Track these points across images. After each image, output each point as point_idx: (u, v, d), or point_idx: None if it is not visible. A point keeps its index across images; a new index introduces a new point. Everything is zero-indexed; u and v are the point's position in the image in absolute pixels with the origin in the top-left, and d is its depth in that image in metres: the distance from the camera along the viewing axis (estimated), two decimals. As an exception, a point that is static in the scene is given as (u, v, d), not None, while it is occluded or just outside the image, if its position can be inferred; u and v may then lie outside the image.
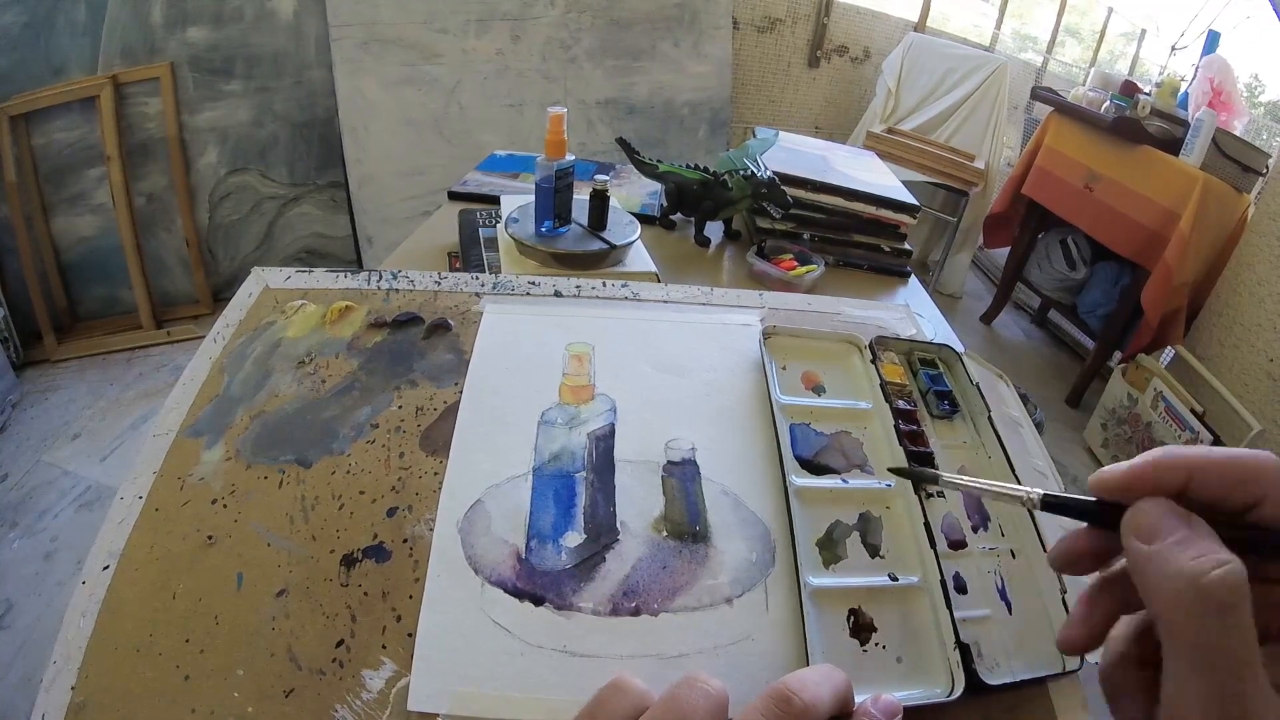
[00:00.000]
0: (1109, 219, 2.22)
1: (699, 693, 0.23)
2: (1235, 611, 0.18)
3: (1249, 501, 0.20)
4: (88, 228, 2.16)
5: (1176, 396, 1.91)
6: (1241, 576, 0.18)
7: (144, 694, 0.29)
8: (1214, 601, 0.18)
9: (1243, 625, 0.18)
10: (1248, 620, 0.18)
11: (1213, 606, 0.18)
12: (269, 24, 2.18)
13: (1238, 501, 0.20)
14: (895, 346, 0.49)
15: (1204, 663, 0.18)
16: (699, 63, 2.55)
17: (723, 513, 0.36)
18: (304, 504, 0.36)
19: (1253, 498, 0.20)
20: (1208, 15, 2.52)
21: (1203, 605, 0.18)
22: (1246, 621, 0.18)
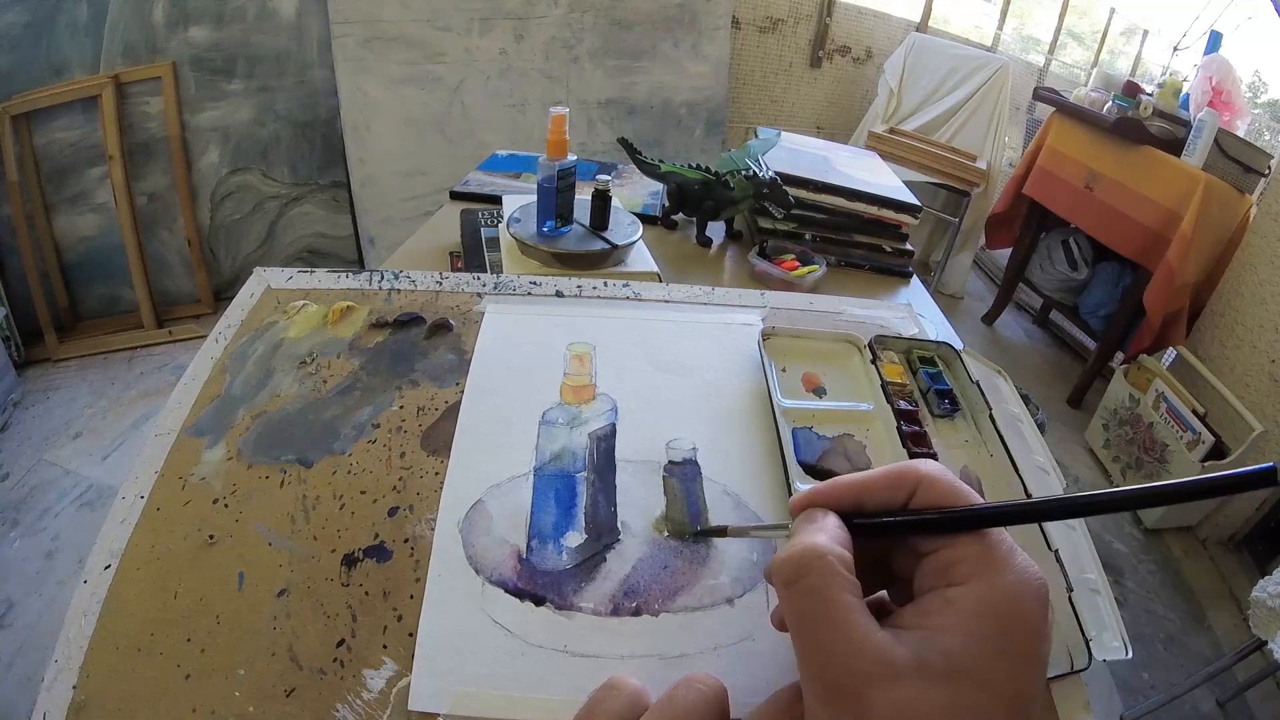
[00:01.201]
0: (1110, 219, 2.22)
1: (698, 693, 0.23)
2: (799, 582, 0.22)
3: (906, 499, 0.25)
4: (89, 227, 2.16)
5: (1178, 397, 1.91)
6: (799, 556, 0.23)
7: (145, 693, 0.29)
8: (780, 579, 0.23)
9: (808, 590, 0.22)
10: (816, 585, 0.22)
11: (780, 583, 0.23)
12: (271, 23, 2.18)
13: (899, 502, 0.25)
14: (894, 345, 0.49)
15: (790, 619, 0.23)
16: (698, 63, 2.55)
17: (724, 513, 0.36)
18: (305, 504, 0.36)
19: (908, 494, 0.25)
20: (1209, 16, 2.52)
21: (777, 584, 0.23)
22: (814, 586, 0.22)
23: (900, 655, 0.21)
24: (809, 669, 0.22)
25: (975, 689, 0.20)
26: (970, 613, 0.21)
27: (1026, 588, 0.22)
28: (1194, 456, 1.82)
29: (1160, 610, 1.74)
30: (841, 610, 0.22)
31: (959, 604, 0.22)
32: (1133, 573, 1.84)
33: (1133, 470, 2.05)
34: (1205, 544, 1.97)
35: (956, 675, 0.20)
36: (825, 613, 0.22)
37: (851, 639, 0.21)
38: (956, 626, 0.21)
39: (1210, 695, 1.51)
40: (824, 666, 0.21)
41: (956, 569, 0.22)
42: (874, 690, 0.20)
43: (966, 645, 0.21)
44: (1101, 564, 0.38)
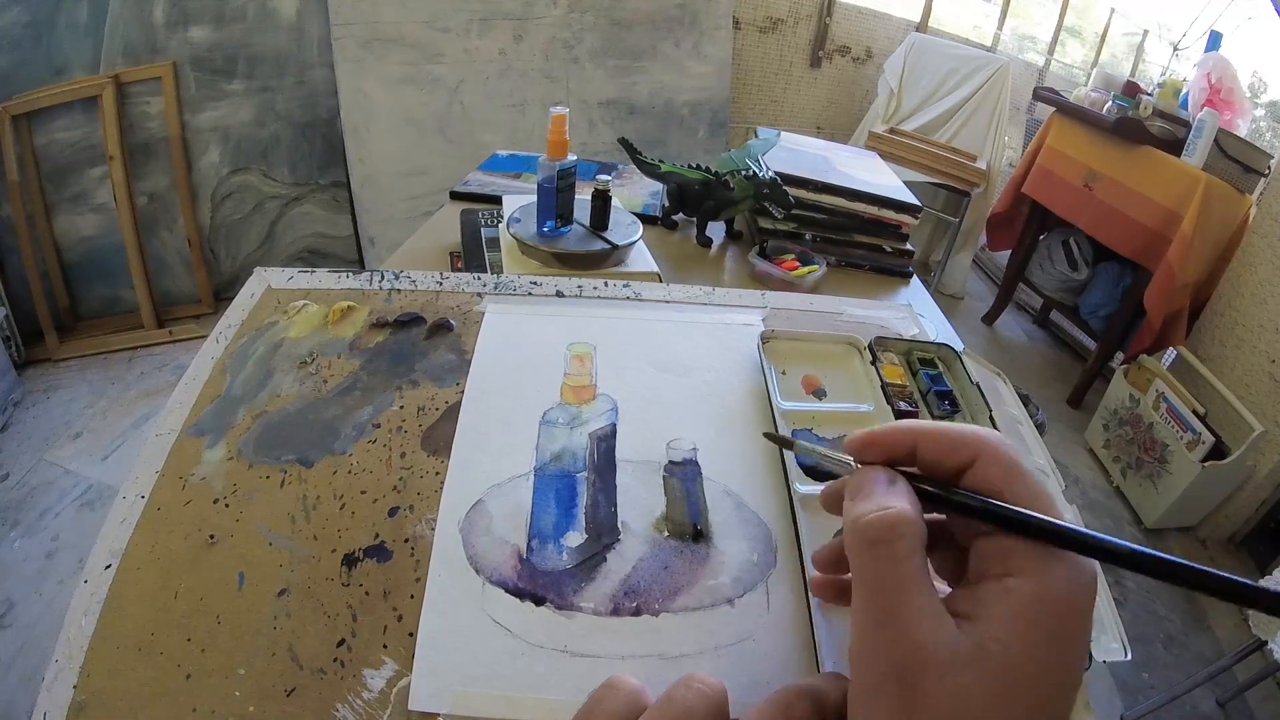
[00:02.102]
0: (1109, 218, 2.22)
1: (697, 693, 0.23)
2: (884, 546, 0.22)
3: (962, 464, 0.24)
4: (89, 227, 2.16)
5: (1178, 397, 1.91)
6: (893, 520, 0.22)
7: (145, 693, 0.29)
8: (866, 538, 0.23)
9: (892, 557, 0.22)
10: (901, 553, 0.22)
11: (865, 541, 0.23)
12: (271, 23, 2.18)
13: (952, 464, 0.24)
14: (894, 346, 0.49)
15: (863, 585, 0.22)
16: (699, 63, 2.55)
17: (724, 513, 0.36)
18: (305, 504, 0.36)
19: (966, 460, 0.24)
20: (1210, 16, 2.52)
21: (858, 541, 0.23)
22: (899, 554, 0.22)
23: (965, 647, 0.21)
24: (874, 641, 0.22)
25: (1031, 682, 0.20)
26: (1028, 605, 0.21)
27: (1081, 583, 0.22)
28: (1194, 457, 1.82)
29: (1160, 610, 1.74)
30: (921, 585, 0.22)
31: (1017, 595, 0.22)
32: (1133, 573, 1.84)
33: (1133, 470, 2.05)
34: (1205, 544, 1.97)
35: (1012, 667, 0.20)
36: (906, 583, 0.22)
37: (928, 619, 0.21)
38: (1012, 616, 0.21)
39: (1210, 695, 1.51)
40: (895, 642, 0.21)
41: (1014, 559, 0.22)
42: (931, 675, 0.20)
43: (1024, 639, 0.21)
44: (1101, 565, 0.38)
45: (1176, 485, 1.88)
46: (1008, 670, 0.20)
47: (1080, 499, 2.05)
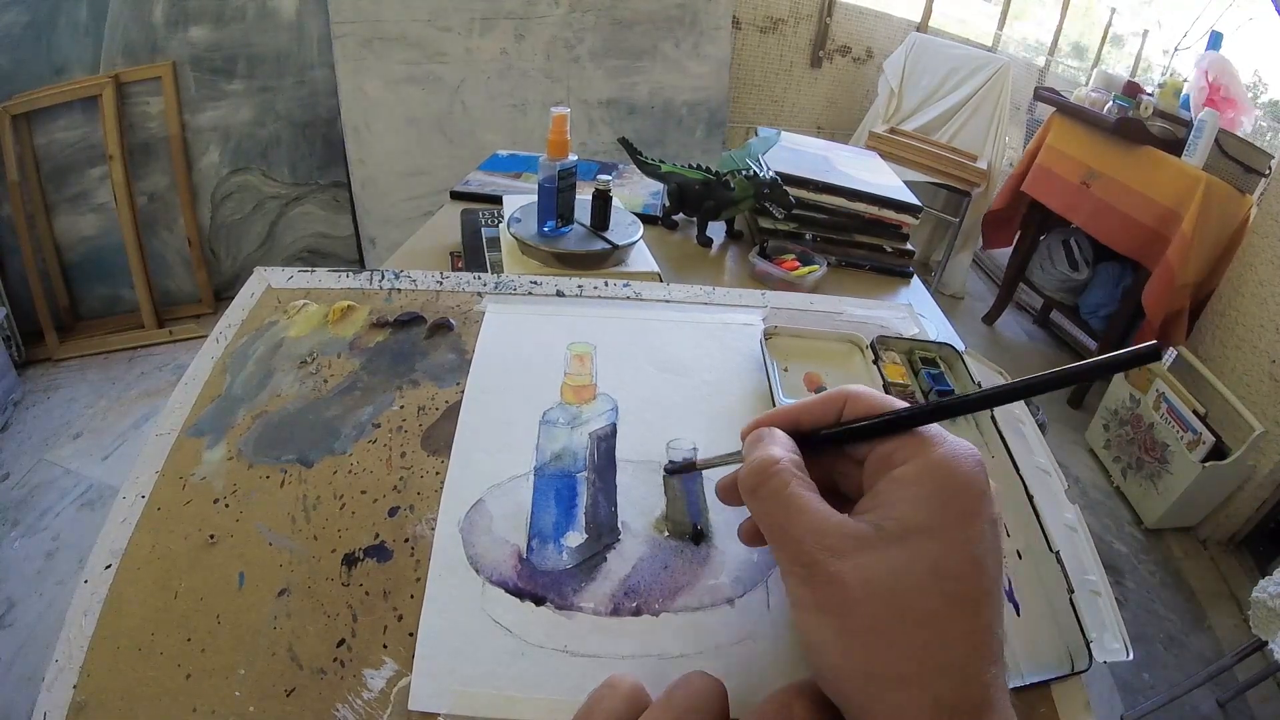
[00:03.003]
0: (1107, 216, 2.22)
1: (697, 692, 0.23)
2: (762, 487, 0.25)
3: (838, 413, 0.28)
4: (90, 227, 2.16)
5: (1178, 397, 1.91)
6: (761, 463, 0.26)
7: (145, 693, 0.29)
8: (747, 487, 0.26)
9: (771, 493, 0.25)
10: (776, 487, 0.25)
11: (748, 491, 0.26)
12: (271, 23, 2.18)
13: (831, 418, 0.28)
14: (896, 346, 0.49)
15: (762, 525, 0.26)
16: (698, 63, 2.55)
17: (724, 513, 0.36)
18: (306, 503, 0.36)
19: (838, 409, 0.28)
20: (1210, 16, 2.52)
21: (744, 493, 0.26)
22: (775, 489, 0.25)
23: (860, 528, 0.23)
24: (786, 557, 0.24)
25: (928, 540, 0.22)
26: (912, 481, 0.24)
27: (959, 454, 0.24)
28: (1194, 457, 1.82)
29: (1160, 610, 1.74)
30: (803, 500, 0.24)
31: (901, 479, 0.24)
32: (1133, 573, 1.84)
33: (1133, 470, 2.05)
34: (1205, 544, 1.97)
35: (909, 534, 0.23)
36: (789, 505, 0.24)
37: (816, 522, 0.24)
38: (903, 496, 0.24)
39: (1210, 695, 1.51)
40: (797, 551, 0.24)
41: (895, 455, 0.25)
42: (844, 561, 0.22)
43: (914, 507, 0.23)
44: (1102, 565, 0.38)
45: (1177, 485, 1.88)
46: (905, 537, 0.22)
47: (1081, 499, 2.05)
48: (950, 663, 0.21)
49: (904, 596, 0.22)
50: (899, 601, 0.22)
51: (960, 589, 0.22)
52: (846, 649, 0.22)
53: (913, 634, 0.21)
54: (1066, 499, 0.41)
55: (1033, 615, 0.36)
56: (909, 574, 0.22)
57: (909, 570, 0.22)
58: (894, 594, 0.22)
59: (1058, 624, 0.35)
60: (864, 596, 0.22)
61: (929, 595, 0.22)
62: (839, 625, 0.22)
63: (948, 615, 0.22)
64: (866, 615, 0.22)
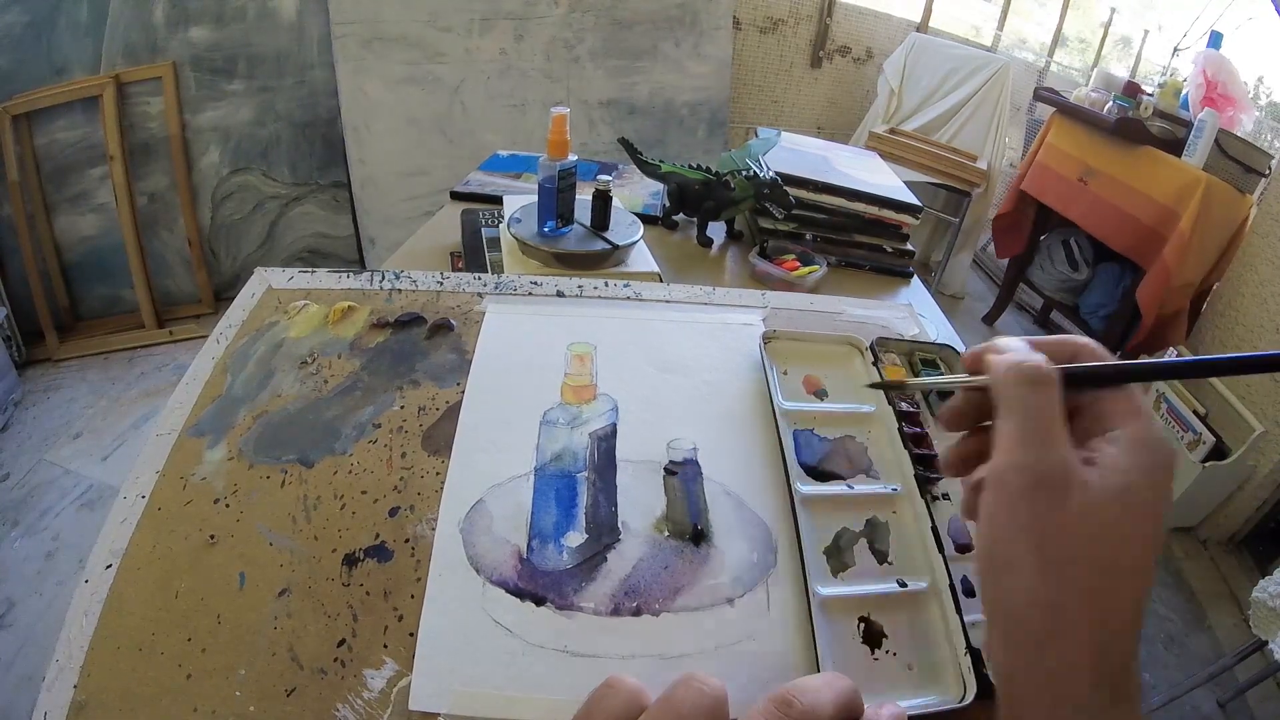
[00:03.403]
0: (1104, 213, 2.22)
1: (697, 692, 0.23)
2: (1043, 384, 0.26)
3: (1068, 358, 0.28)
4: (90, 227, 2.16)
5: (1178, 397, 1.91)
6: (1052, 369, 0.27)
7: (146, 693, 0.29)
8: (1029, 376, 0.27)
9: (1049, 392, 0.26)
10: (1055, 392, 0.26)
11: (1028, 379, 0.27)
12: (271, 23, 2.18)
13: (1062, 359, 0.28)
14: (896, 348, 0.49)
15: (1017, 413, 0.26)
16: (699, 63, 2.55)
17: (724, 513, 0.36)
18: (306, 504, 0.36)
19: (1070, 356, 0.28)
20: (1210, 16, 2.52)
21: (1020, 377, 0.27)
22: (1053, 392, 0.26)
23: (1091, 471, 0.25)
24: (1024, 456, 0.25)
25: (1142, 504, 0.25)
26: (1132, 448, 0.26)
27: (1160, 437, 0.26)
28: (1195, 457, 1.82)
29: (1161, 610, 1.74)
30: (1061, 421, 0.26)
31: (1123, 441, 0.26)
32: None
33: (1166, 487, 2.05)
34: (1205, 544, 1.97)
35: (1128, 492, 0.25)
36: (1056, 415, 0.26)
37: (1066, 446, 0.25)
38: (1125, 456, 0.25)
39: (1210, 695, 1.50)
40: (1041, 457, 0.25)
41: (1112, 417, 0.27)
42: (1075, 488, 0.24)
43: (1135, 470, 0.25)
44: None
45: (1177, 485, 1.88)
46: (1126, 494, 0.25)
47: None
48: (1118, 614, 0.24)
49: (1114, 544, 0.24)
50: (1109, 546, 0.24)
51: (1148, 559, 0.24)
52: (1041, 574, 0.24)
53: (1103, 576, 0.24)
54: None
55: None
56: (1124, 525, 0.24)
57: (1124, 521, 0.24)
58: (1108, 538, 0.24)
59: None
60: (1083, 527, 0.24)
61: (1131, 551, 0.24)
62: (1044, 547, 0.24)
63: (1136, 577, 0.24)
64: (1075, 547, 0.24)
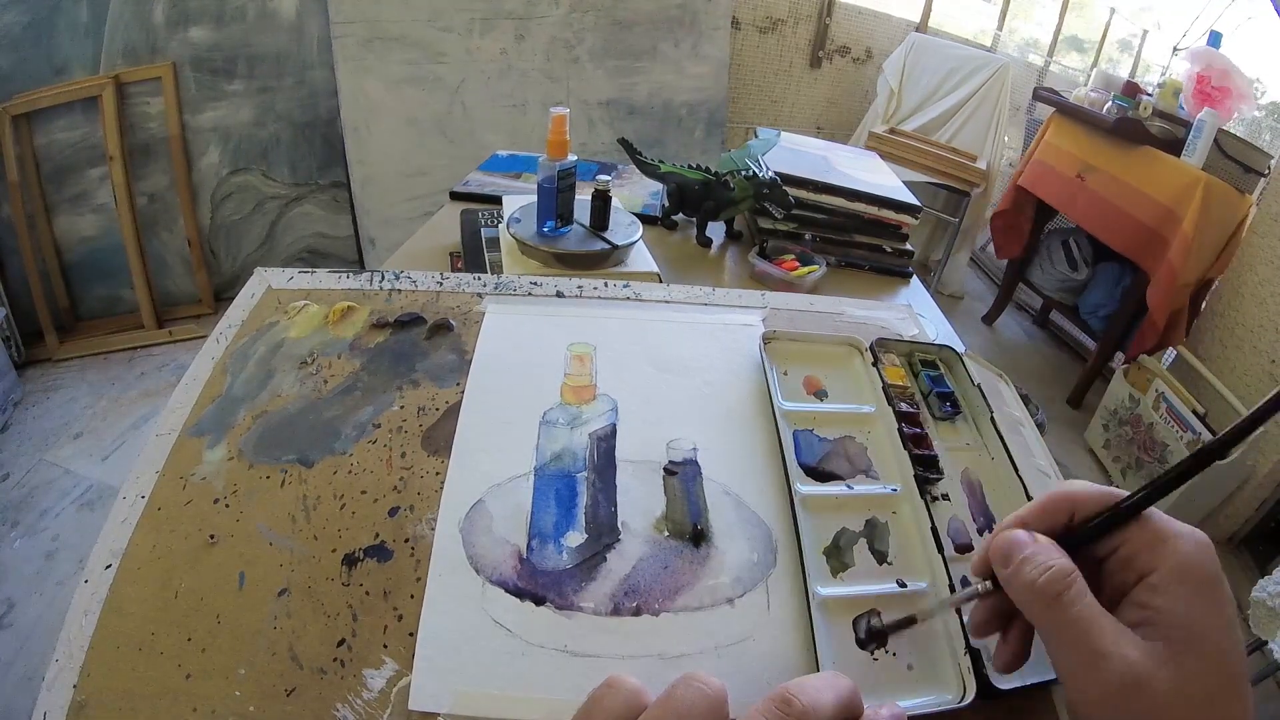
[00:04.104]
0: (1103, 212, 2.22)
1: (697, 692, 0.23)
2: (1065, 595, 0.25)
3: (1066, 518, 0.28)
4: (90, 227, 2.16)
5: (1178, 397, 1.91)
6: (1062, 571, 0.25)
7: (146, 693, 0.29)
8: (1047, 595, 0.25)
9: (1074, 602, 0.25)
10: (1079, 595, 0.25)
11: (1047, 599, 0.25)
12: (271, 23, 2.18)
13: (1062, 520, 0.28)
14: (896, 348, 0.49)
15: (1056, 634, 0.25)
16: (698, 63, 2.55)
17: (724, 513, 0.36)
18: (306, 503, 0.36)
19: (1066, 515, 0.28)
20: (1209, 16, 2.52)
21: (1039, 600, 0.25)
22: (1078, 597, 0.25)
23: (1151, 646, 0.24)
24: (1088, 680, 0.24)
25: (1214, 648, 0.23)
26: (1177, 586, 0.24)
27: (1200, 545, 0.25)
28: (1194, 457, 1.82)
29: (1160, 610, 1.74)
30: (1105, 616, 0.25)
31: (1164, 584, 0.25)
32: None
33: (1133, 471, 2.05)
34: (1205, 544, 1.97)
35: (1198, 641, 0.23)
36: (1094, 620, 0.24)
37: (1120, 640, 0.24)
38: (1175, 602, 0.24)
39: (1210, 696, 1.50)
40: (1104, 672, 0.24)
41: (1139, 557, 0.25)
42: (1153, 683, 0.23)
43: (1191, 613, 0.24)
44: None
45: (1176, 485, 1.88)
46: (1195, 646, 0.23)
47: (1080, 499, 2.04)
48: None
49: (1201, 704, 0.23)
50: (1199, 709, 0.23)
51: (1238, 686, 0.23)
52: None
53: None
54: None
55: (1032, 615, 0.36)
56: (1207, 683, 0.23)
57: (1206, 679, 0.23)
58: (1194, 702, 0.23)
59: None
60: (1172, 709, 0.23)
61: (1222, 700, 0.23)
62: None
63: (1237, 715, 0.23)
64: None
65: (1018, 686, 0.33)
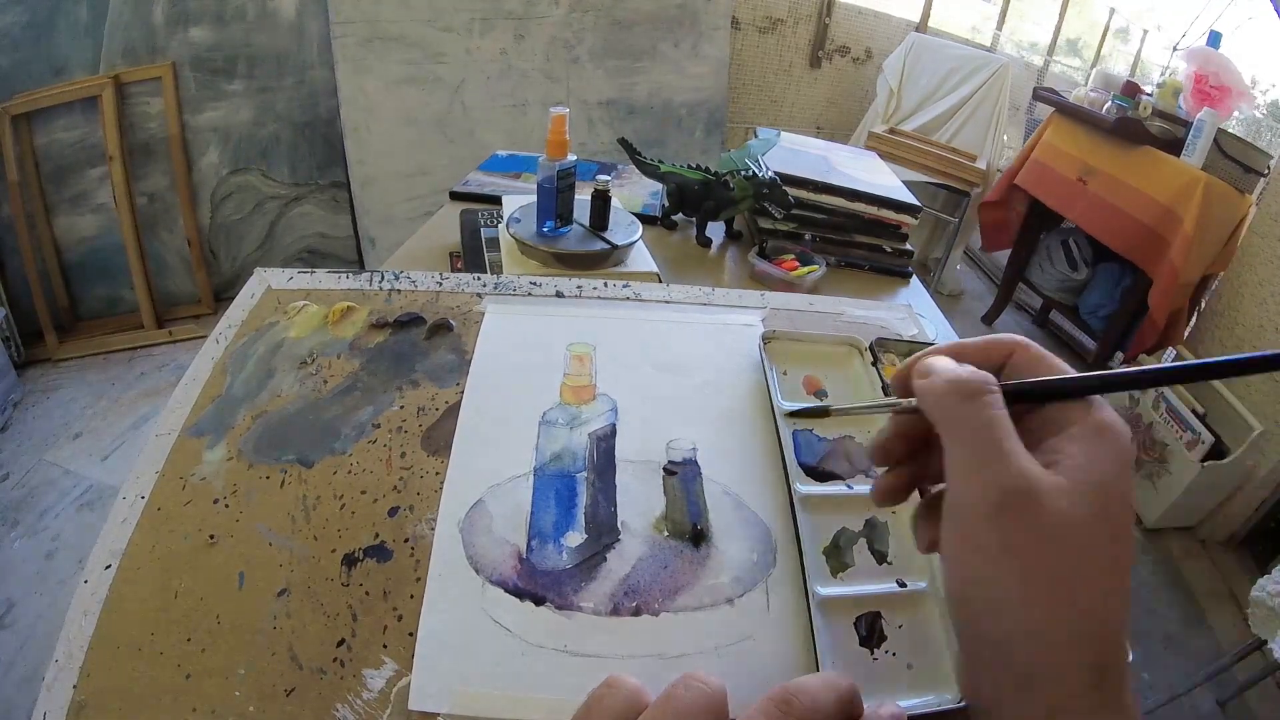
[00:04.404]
0: (1102, 212, 2.22)
1: (696, 691, 0.23)
2: (982, 397, 0.25)
3: (1002, 361, 0.28)
4: (89, 227, 2.16)
5: (1178, 397, 1.91)
6: (988, 378, 0.25)
7: (145, 693, 0.29)
8: (965, 390, 0.25)
9: (991, 404, 0.24)
10: (997, 402, 0.25)
11: (964, 394, 0.25)
12: (271, 23, 2.18)
13: (994, 364, 0.27)
14: (895, 348, 0.49)
15: (962, 432, 0.25)
16: (697, 64, 2.55)
17: (724, 513, 0.36)
18: (305, 504, 0.36)
19: (1005, 357, 0.28)
20: (1209, 16, 2.52)
21: (955, 393, 0.25)
22: (995, 403, 0.24)
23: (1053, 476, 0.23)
24: (982, 478, 0.24)
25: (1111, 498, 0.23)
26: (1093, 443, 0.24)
27: (1119, 420, 0.25)
28: (1194, 456, 1.82)
29: (1160, 610, 1.74)
30: (1012, 432, 0.24)
31: (1082, 438, 0.24)
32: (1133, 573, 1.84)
33: (1133, 471, 2.05)
34: (1205, 544, 1.97)
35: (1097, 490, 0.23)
36: (1006, 427, 0.24)
37: (1024, 457, 0.24)
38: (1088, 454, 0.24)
39: (1210, 695, 1.51)
40: (1000, 475, 0.23)
41: (1065, 416, 0.25)
42: (1043, 499, 0.23)
43: (1100, 468, 0.24)
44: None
45: (1176, 485, 1.88)
46: (1094, 494, 0.23)
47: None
48: (1111, 623, 0.22)
49: (1091, 547, 0.22)
50: (1087, 551, 0.22)
51: (1126, 552, 0.23)
52: (1029, 599, 0.22)
53: (1090, 587, 0.22)
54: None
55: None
56: (1099, 525, 0.23)
57: (1099, 521, 0.23)
58: (1085, 543, 0.22)
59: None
60: (1060, 537, 0.22)
61: (1109, 551, 0.23)
62: (1027, 569, 0.22)
63: (1116, 574, 0.23)
64: (1056, 559, 0.22)
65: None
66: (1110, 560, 0.23)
